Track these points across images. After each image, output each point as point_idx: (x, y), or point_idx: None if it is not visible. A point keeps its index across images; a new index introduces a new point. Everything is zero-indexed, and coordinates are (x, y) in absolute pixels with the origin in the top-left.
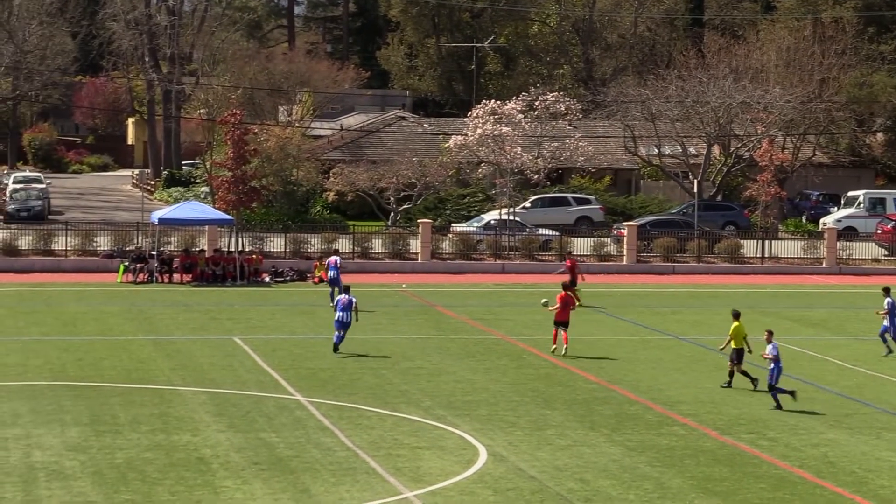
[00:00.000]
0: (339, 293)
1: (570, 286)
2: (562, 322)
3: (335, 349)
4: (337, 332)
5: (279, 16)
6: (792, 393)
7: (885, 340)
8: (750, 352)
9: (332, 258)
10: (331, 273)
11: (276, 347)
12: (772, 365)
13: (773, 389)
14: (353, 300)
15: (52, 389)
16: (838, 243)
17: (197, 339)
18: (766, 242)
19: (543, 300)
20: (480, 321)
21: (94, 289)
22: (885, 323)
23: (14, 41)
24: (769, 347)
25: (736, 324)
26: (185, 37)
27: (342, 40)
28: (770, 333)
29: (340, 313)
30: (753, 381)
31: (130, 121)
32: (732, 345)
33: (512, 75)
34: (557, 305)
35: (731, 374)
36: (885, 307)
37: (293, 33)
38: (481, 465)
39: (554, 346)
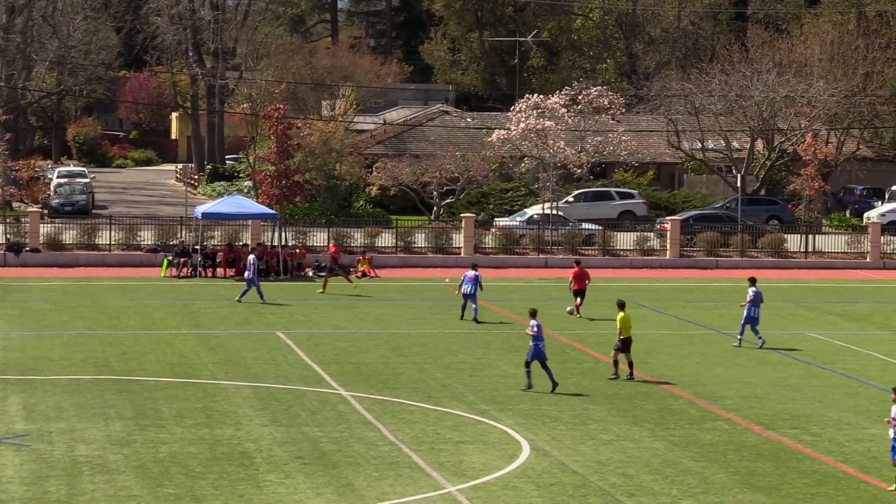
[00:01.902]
0: (252, 291)
1: (340, 270)
2: (577, 291)
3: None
4: (472, 306)
5: (322, 10)
6: (553, 384)
7: (742, 331)
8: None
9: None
10: (247, 273)
11: (319, 342)
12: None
13: (528, 366)
14: (479, 276)
15: (96, 383)
16: (882, 238)
17: (240, 333)
18: (810, 237)
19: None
20: (523, 315)
21: (138, 283)
22: (746, 312)
23: (58, 36)
24: (532, 322)
25: (621, 314)
26: (229, 31)
27: (385, 35)
28: (534, 312)
29: (466, 286)
30: (616, 375)
31: (174, 115)
32: (620, 335)
33: (555, 69)
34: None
35: (616, 364)
36: (750, 295)
37: (336, 28)
38: (524, 460)
39: (569, 308)
